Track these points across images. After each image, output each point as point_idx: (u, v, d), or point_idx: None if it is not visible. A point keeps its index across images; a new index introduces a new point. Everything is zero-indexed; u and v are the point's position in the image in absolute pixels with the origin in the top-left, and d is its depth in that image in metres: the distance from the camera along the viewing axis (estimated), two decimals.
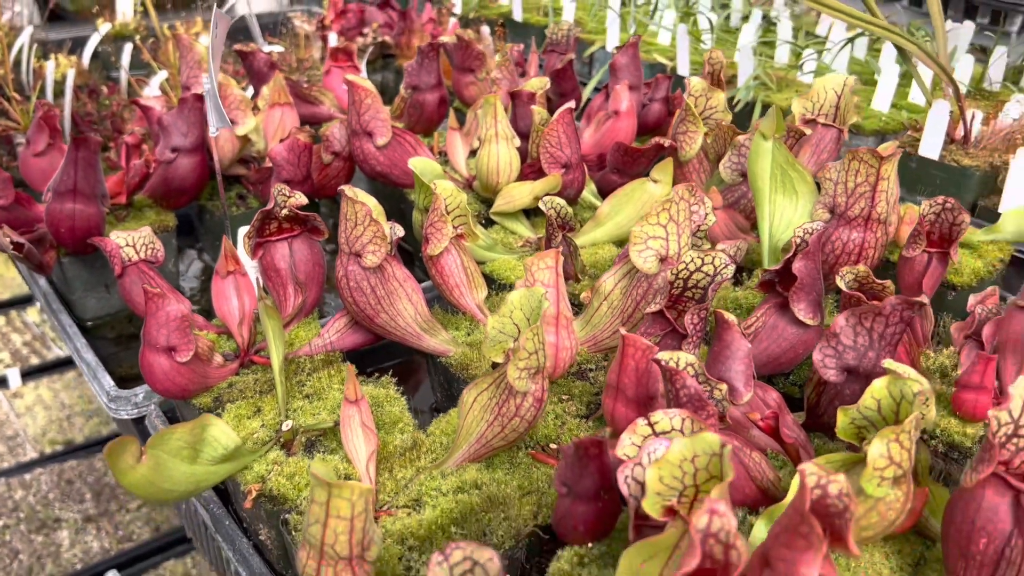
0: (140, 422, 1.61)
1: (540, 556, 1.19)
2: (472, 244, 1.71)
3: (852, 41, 2.87)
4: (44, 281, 1.99)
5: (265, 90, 2.22)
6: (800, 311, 1.33)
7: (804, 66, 2.87)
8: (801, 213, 1.63)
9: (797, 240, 1.35)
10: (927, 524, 1.11)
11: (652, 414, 1.02)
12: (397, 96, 2.38)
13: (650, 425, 1.02)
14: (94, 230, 1.80)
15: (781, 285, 1.38)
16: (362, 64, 2.67)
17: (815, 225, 1.36)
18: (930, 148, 2.24)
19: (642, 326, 1.33)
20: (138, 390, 1.60)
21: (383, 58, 3.24)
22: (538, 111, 1.92)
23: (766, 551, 0.88)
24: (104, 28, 3.07)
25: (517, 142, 1.91)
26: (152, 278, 1.55)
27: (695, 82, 1.90)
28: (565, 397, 1.37)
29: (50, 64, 2.58)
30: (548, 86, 2.10)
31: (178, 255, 2.16)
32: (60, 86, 2.68)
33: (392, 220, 1.46)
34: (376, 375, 1.46)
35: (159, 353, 1.32)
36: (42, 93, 2.65)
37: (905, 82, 2.74)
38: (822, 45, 3.01)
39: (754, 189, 1.65)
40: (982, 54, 2.97)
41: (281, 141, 1.88)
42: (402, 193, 2.12)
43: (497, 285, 1.72)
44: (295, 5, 4.49)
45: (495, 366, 1.23)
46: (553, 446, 1.29)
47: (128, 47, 2.87)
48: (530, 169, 1.93)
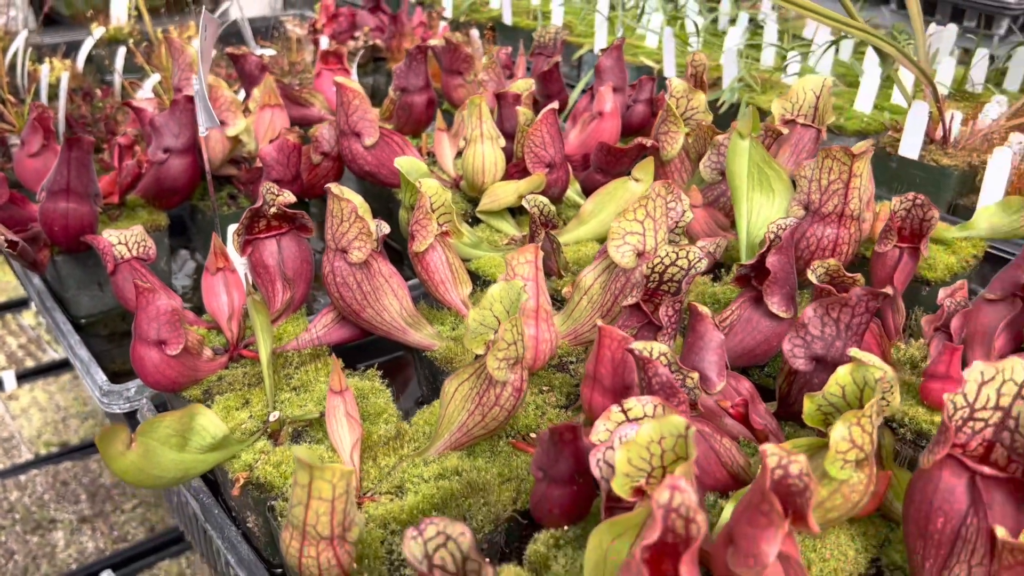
0: (133, 417, 1.64)
1: (520, 542, 1.22)
2: (457, 241, 1.75)
3: (836, 44, 2.91)
4: (38, 279, 2.03)
5: (256, 92, 2.26)
6: (774, 304, 1.37)
7: (788, 68, 2.91)
8: (778, 210, 1.67)
9: (771, 235, 1.39)
10: (891, 507, 1.15)
11: (625, 401, 1.05)
12: (386, 98, 2.42)
13: (623, 412, 1.05)
14: (87, 228, 1.83)
15: (756, 279, 1.41)
16: (353, 67, 2.71)
17: (788, 221, 1.40)
18: (909, 148, 2.28)
19: (620, 319, 1.36)
20: (130, 385, 1.64)
21: (374, 61, 3.27)
22: (523, 112, 1.95)
23: (731, 529, 0.92)
24: (98, 32, 3.10)
25: (502, 142, 1.94)
26: (144, 275, 1.58)
27: (676, 83, 1.94)
28: (546, 388, 1.41)
29: (44, 67, 2.61)
30: (534, 88, 2.13)
31: (170, 255, 2.19)
32: (55, 89, 2.71)
33: (381, 219, 1.49)
34: (364, 370, 1.49)
35: (150, 346, 1.35)
36: (37, 96, 2.68)
37: (888, 84, 2.78)
38: (807, 48, 3.06)
39: (732, 187, 1.69)
40: (968, 57, 3.01)
41: (271, 142, 1.91)
42: (391, 193, 2.16)
43: (483, 282, 1.76)
44: (287, 9, 4.53)
45: (478, 359, 1.27)
46: (533, 435, 1.32)
47: (122, 51, 2.90)
48: (515, 169, 1.97)
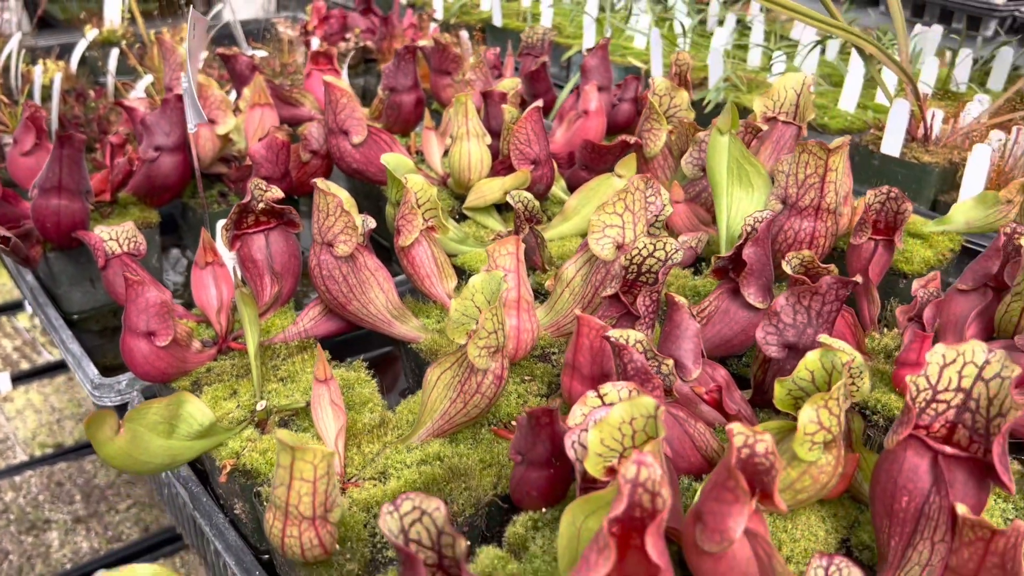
0: (124, 410, 1.67)
1: (500, 525, 1.25)
2: (443, 237, 1.78)
3: (821, 44, 2.95)
4: (31, 276, 2.05)
5: (247, 92, 2.29)
6: (750, 295, 1.40)
7: (774, 68, 2.95)
8: (757, 204, 1.70)
9: (748, 228, 1.42)
10: (860, 489, 1.18)
11: (602, 387, 1.08)
12: (375, 98, 2.45)
13: (599, 397, 1.09)
14: (79, 225, 1.86)
15: (734, 271, 1.45)
16: (343, 68, 2.74)
17: (764, 214, 1.43)
18: (891, 145, 2.32)
19: (600, 310, 1.39)
20: (121, 378, 1.66)
21: (365, 63, 3.30)
22: (508, 109, 1.98)
23: (699, 507, 0.95)
24: (92, 34, 3.12)
25: (488, 139, 1.97)
26: (134, 270, 1.61)
27: (659, 81, 1.97)
28: (527, 378, 1.44)
29: (38, 68, 2.64)
30: (520, 87, 2.17)
31: (161, 252, 2.22)
32: (48, 90, 2.73)
33: (368, 214, 1.52)
34: (351, 362, 1.52)
35: (139, 338, 1.38)
36: (30, 96, 2.71)
37: (873, 84, 2.82)
38: (793, 48, 3.09)
39: (712, 183, 1.72)
40: (954, 57, 3.05)
41: (260, 140, 1.94)
42: (380, 191, 2.19)
43: (468, 277, 1.78)
44: (280, 12, 4.56)
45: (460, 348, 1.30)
46: (514, 423, 1.35)
47: (115, 52, 2.93)
48: (501, 166, 2.00)
